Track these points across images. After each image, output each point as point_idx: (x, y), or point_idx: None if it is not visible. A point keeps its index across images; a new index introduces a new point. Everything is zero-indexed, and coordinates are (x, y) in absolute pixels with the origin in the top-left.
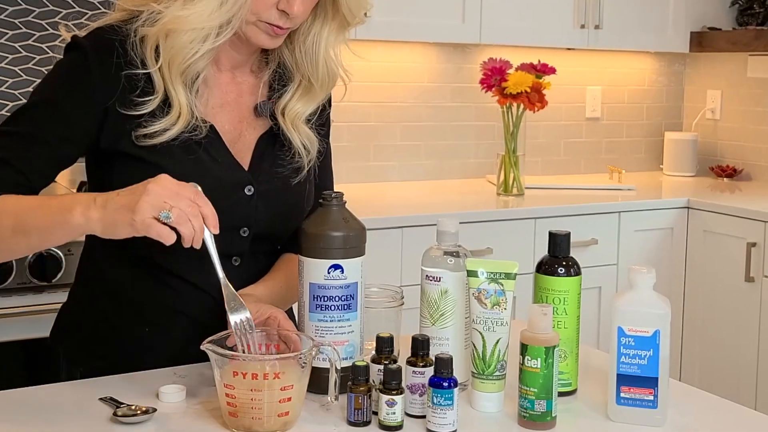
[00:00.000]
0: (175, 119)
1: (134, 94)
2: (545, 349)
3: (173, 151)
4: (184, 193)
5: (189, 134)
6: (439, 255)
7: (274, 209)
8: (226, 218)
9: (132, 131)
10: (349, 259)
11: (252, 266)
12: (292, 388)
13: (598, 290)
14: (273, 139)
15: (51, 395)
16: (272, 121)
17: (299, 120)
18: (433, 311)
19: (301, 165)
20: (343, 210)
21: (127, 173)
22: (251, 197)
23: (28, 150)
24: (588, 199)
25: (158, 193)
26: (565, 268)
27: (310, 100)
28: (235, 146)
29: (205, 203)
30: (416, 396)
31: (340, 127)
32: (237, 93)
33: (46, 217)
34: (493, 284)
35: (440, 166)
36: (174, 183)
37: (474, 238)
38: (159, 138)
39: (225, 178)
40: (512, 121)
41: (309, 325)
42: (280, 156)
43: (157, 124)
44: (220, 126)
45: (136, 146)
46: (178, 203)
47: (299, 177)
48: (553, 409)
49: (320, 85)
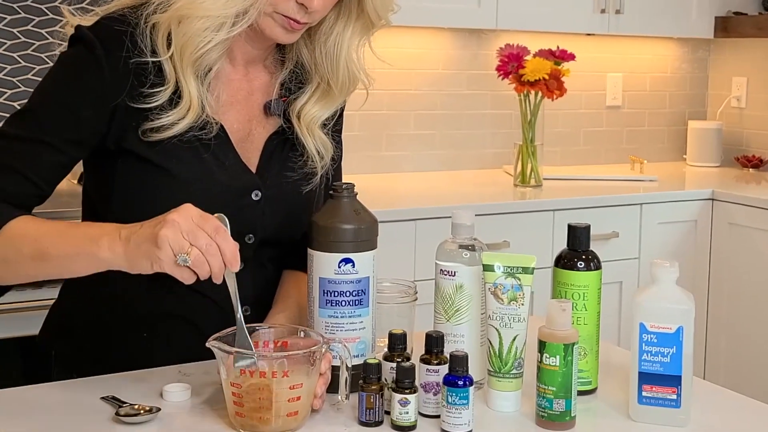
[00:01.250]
0: (185, 112)
1: (144, 86)
2: (564, 347)
3: (180, 151)
4: (205, 228)
5: (197, 132)
6: (454, 248)
7: (282, 215)
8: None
9: (139, 126)
10: (361, 253)
11: (257, 273)
12: (301, 386)
13: (619, 285)
14: (283, 141)
15: (50, 394)
16: (284, 123)
17: (315, 125)
18: (447, 307)
19: (313, 171)
20: (354, 202)
21: (130, 173)
22: (258, 203)
23: (36, 156)
24: (609, 191)
25: (178, 224)
26: (584, 262)
27: (328, 104)
28: (242, 145)
29: (224, 240)
30: (430, 395)
31: (351, 116)
32: (248, 90)
33: (70, 247)
34: (510, 279)
35: (455, 156)
36: (196, 214)
37: (490, 231)
38: (166, 132)
39: (232, 183)
40: (530, 110)
41: (319, 321)
42: (290, 159)
43: (165, 117)
44: (229, 125)
45: (141, 143)
46: (196, 240)
47: (311, 185)
48: (572, 409)
49: (340, 89)
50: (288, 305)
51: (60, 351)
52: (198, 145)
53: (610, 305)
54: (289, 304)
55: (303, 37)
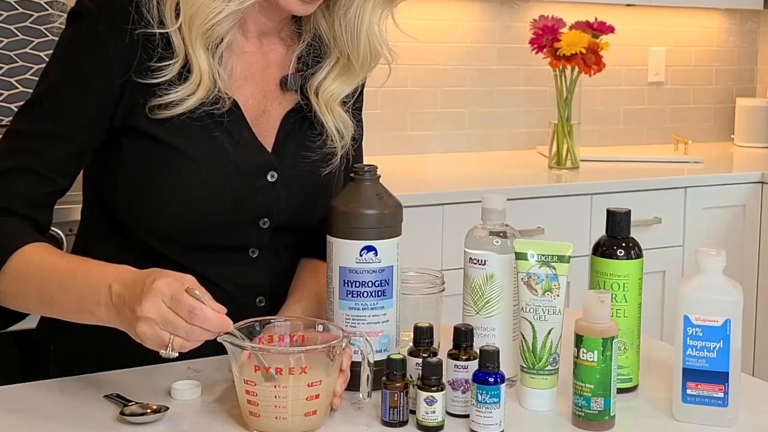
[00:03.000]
0: (195, 87)
1: (152, 60)
2: (603, 341)
3: (190, 129)
4: (180, 312)
5: (209, 108)
6: (484, 235)
7: (299, 198)
8: (244, 207)
9: (146, 103)
10: (384, 240)
11: (271, 260)
12: (320, 384)
13: (661, 275)
14: (301, 119)
15: (49, 392)
16: (302, 99)
17: (334, 102)
18: (477, 298)
19: (333, 151)
20: (376, 185)
21: (137, 153)
22: (274, 184)
23: (47, 151)
24: (650, 173)
25: (153, 324)
26: (624, 250)
27: (348, 80)
28: (258, 123)
29: (203, 320)
30: (458, 393)
31: (374, 93)
32: (263, 64)
33: (71, 302)
34: (545, 268)
35: (486, 136)
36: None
37: (523, 217)
38: (176, 109)
39: (246, 163)
40: (566, 86)
41: (339, 313)
42: (308, 138)
43: (174, 93)
44: (243, 101)
45: (150, 120)
46: (175, 331)
47: (330, 166)
48: (611, 408)
49: (360, 65)
50: (305, 295)
51: (59, 345)
52: (210, 122)
53: (652, 296)
54: (306, 294)
55: (321, 8)
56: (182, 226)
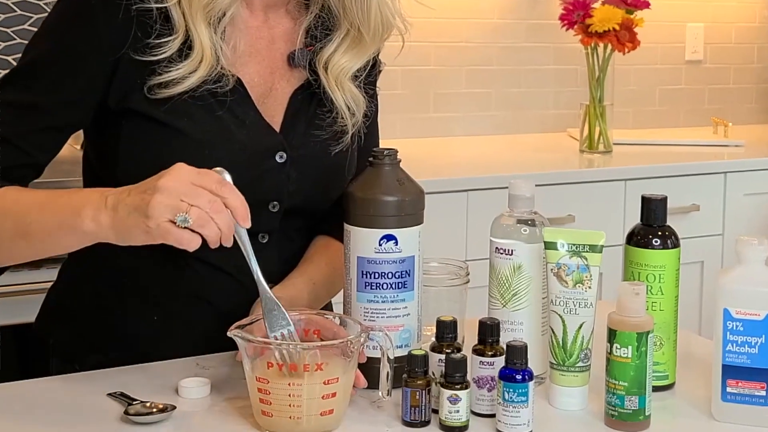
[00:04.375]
0: (197, 64)
1: (150, 36)
2: (637, 336)
3: (192, 110)
4: (205, 185)
5: (212, 86)
6: (511, 224)
7: (310, 180)
8: (253, 191)
9: (145, 82)
10: (405, 229)
11: (283, 245)
12: (336, 381)
13: (700, 265)
14: (310, 96)
15: (49, 390)
16: (311, 75)
17: (345, 76)
18: (504, 290)
19: (343, 129)
20: (397, 170)
21: (136, 136)
22: (283, 165)
23: (27, 122)
24: (688, 158)
25: (172, 189)
26: (660, 239)
27: (358, 54)
28: (264, 103)
29: (230, 192)
30: (484, 391)
31: (394, 72)
32: (269, 39)
33: (52, 219)
34: (576, 258)
35: (513, 118)
36: (192, 173)
37: (553, 204)
38: (176, 88)
39: (253, 144)
40: (598, 65)
41: (357, 306)
42: (318, 116)
43: (174, 71)
44: (248, 78)
45: (148, 101)
46: (196, 200)
47: (341, 144)
48: (646, 407)
49: (372, 37)
50: (312, 260)
51: (58, 339)
52: (213, 101)
53: (690, 288)
54: (313, 259)
55: None
56: None
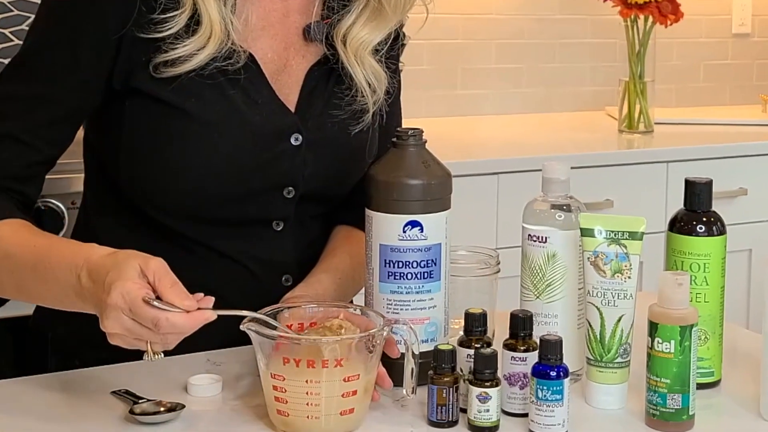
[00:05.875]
0: (205, 40)
1: (155, 11)
2: (680, 329)
3: (201, 89)
4: (143, 322)
5: (222, 63)
6: (545, 209)
7: (327, 163)
8: (266, 175)
9: (150, 60)
10: (431, 214)
11: (298, 233)
12: (357, 378)
13: (747, 253)
14: (327, 73)
15: (49, 388)
16: (328, 50)
17: (365, 51)
18: (537, 281)
19: (364, 108)
20: (422, 151)
21: (141, 118)
22: (298, 148)
23: (31, 114)
24: (735, 138)
25: (122, 339)
26: (705, 226)
27: (379, 26)
28: (278, 80)
29: (171, 326)
30: (516, 389)
31: (418, 46)
32: (283, 11)
33: (50, 294)
34: (614, 246)
35: (546, 95)
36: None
37: (590, 188)
38: (184, 66)
39: (266, 125)
40: (638, 39)
41: (379, 298)
42: (336, 94)
43: (181, 48)
44: (261, 54)
45: (154, 80)
46: (149, 339)
47: (361, 124)
48: (690, 406)
49: (393, 8)
50: (334, 253)
51: (57, 334)
52: (223, 80)
53: (737, 278)
54: (335, 252)
55: None
56: (195, 200)
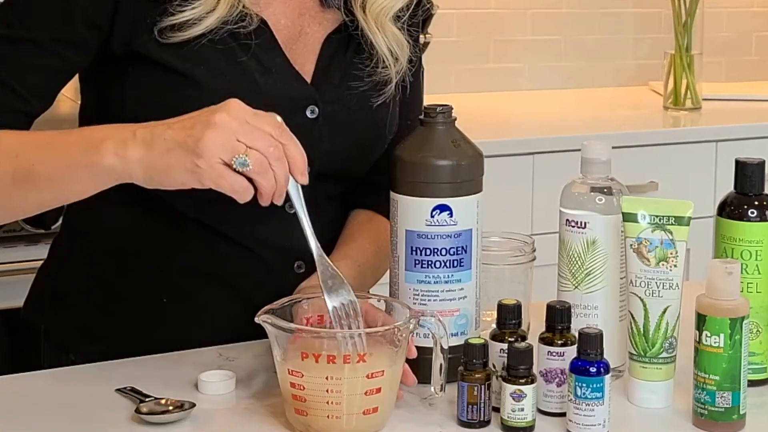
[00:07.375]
0: (215, 3)
1: None
2: (730, 322)
3: (211, 55)
4: (265, 127)
5: (233, 27)
6: (584, 192)
7: (345, 139)
8: None
9: (155, 23)
10: (461, 198)
11: (313, 214)
12: (382, 375)
13: None
14: (346, 41)
15: (48, 385)
16: (346, 16)
17: (386, 17)
18: (576, 269)
19: (386, 79)
20: (451, 130)
21: (144, 85)
22: (314, 121)
23: (18, 59)
24: None
25: (228, 126)
26: (757, 210)
27: None
28: (293, 49)
29: (291, 140)
30: (552, 386)
31: (447, 16)
32: None
33: (62, 157)
34: (659, 232)
35: (586, 69)
36: (249, 112)
37: (632, 169)
38: (192, 30)
39: (279, 96)
40: (685, 8)
41: (405, 288)
42: (356, 64)
43: (189, 10)
44: (274, 21)
45: (159, 45)
46: (255, 142)
47: (383, 96)
48: (740, 404)
49: None
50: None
51: (50, 325)
52: (234, 45)
53: None
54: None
55: None
56: None
